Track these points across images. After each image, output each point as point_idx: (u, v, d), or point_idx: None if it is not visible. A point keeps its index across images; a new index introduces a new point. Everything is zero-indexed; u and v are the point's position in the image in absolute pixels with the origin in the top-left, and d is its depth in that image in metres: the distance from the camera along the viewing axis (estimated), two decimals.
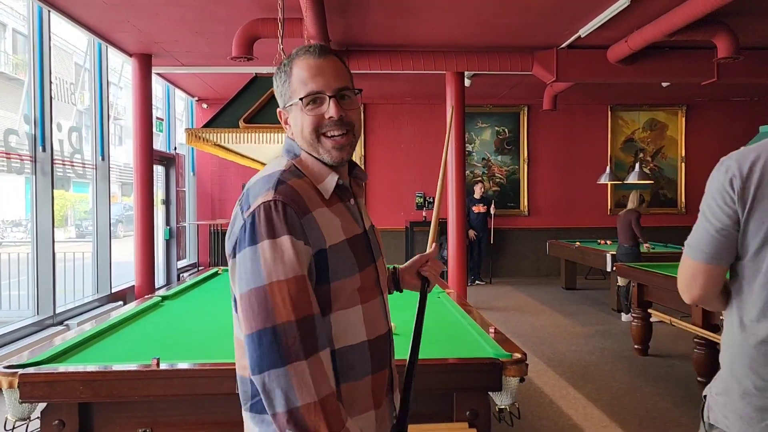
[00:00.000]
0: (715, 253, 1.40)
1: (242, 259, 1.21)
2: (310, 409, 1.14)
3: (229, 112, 2.91)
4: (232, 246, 1.25)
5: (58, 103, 7.16)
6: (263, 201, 1.22)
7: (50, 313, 5.73)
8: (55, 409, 2.20)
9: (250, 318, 1.18)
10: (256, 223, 1.20)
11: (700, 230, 1.43)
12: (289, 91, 1.33)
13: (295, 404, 1.14)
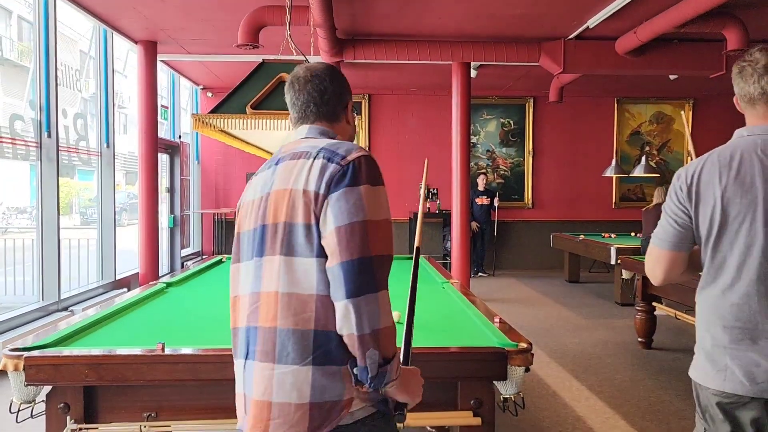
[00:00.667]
0: (677, 242, 1.77)
1: (343, 195, 1.38)
2: (388, 332, 1.38)
3: (237, 98, 2.90)
4: (325, 183, 1.40)
5: (63, 89, 7.16)
6: (362, 154, 1.44)
7: (55, 299, 5.76)
8: (60, 392, 2.21)
9: (351, 247, 1.35)
10: (358, 170, 1.41)
11: (665, 225, 1.80)
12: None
13: (378, 326, 1.35)
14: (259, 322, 1.43)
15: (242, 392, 1.48)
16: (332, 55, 6.85)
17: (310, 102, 1.60)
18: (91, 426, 2.23)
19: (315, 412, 1.38)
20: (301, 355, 1.38)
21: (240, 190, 9.63)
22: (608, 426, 3.72)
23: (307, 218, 1.40)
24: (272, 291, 1.42)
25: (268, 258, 1.45)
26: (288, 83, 1.66)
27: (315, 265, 1.39)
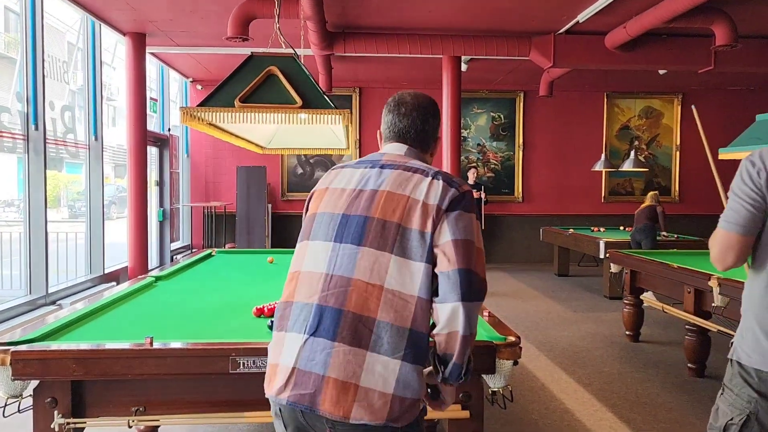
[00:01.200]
0: (751, 227, 1.79)
1: (460, 216, 1.55)
2: (475, 336, 1.55)
3: (225, 91, 2.88)
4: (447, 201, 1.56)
5: (51, 81, 7.09)
6: (470, 189, 1.64)
7: (43, 293, 5.72)
8: (48, 386, 2.19)
9: (466, 259, 1.51)
10: (470, 200, 1.60)
11: (740, 209, 1.80)
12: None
13: (475, 331, 1.54)
14: (346, 306, 1.49)
15: (292, 365, 1.50)
16: (322, 48, 6.83)
17: (411, 128, 1.74)
18: (79, 420, 2.22)
19: (395, 405, 1.46)
20: (395, 348, 1.47)
21: (230, 183, 9.60)
22: (596, 418, 3.76)
23: (424, 226, 1.53)
24: (375, 283, 1.49)
25: (370, 250, 1.52)
26: (393, 104, 1.78)
27: (423, 269, 1.51)
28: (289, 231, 10.51)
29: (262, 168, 9.68)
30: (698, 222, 10.41)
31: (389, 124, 1.76)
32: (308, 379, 1.48)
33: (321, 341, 1.48)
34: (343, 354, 1.46)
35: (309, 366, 1.48)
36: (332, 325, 1.48)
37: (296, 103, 2.87)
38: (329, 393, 1.45)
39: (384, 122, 1.79)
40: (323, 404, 1.45)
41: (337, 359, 1.46)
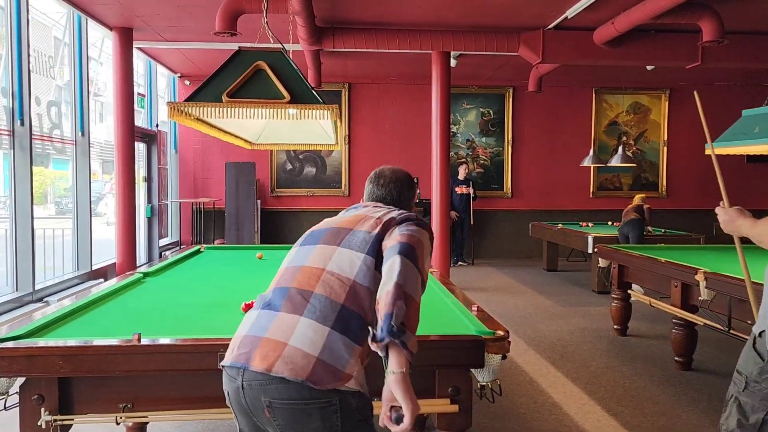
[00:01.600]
0: None
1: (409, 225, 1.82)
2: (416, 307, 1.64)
3: (213, 86, 2.86)
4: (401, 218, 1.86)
5: (37, 76, 7.01)
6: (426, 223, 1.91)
7: (30, 290, 5.68)
8: (35, 383, 2.18)
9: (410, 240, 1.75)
10: (423, 222, 1.88)
11: None
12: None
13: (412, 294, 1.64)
14: (293, 284, 1.74)
15: (243, 333, 1.72)
16: (311, 43, 6.80)
17: (388, 197, 2.03)
18: (67, 417, 2.21)
19: (318, 368, 1.59)
20: (326, 317, 1.65)
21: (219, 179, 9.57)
22: (584, 411, 3.78)
23: (372, 229, 1.79)
24: (318, 266, 1.75)
25: (321, 246, 1.81)
26: (374, 176, 2.07)
27: (362, 259, 1.73)
28: (278, 227, 10.48)
29: (251, 164, 9.65)
30: (685, 217, 10.49)
31: (369, 193, 2.05)
32: (248, 341, 1.68)
33: (268, 312, 1.72)
34: (281, 319, 1.67)
35: (253, 331, 1.70)
36: (278, 299, 1.73)
37: (284, 98, 2.86)
38: (261, 350, 1.63)
39: (365, 191, 2.08)
40: (254, 360, 1.62)
41: (275, 324, 1.67)
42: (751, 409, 1.86)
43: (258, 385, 1.61)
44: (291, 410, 1.60)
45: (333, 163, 10.60)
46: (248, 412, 1.68)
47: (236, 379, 1.65)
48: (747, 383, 1.86)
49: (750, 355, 1.88)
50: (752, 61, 7.33)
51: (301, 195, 10.57)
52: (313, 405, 1.59)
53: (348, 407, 1.62)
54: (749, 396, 1.86)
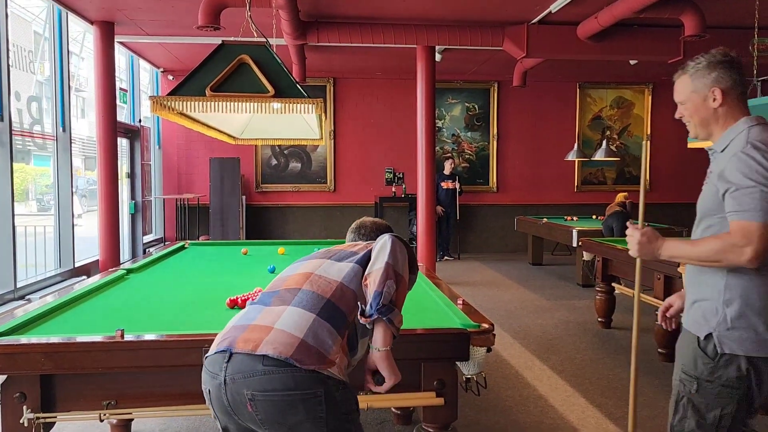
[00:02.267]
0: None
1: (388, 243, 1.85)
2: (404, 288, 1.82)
3: (196, 80, 2.83)
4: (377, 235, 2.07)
5: (16, 71, 6.91)
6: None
7: (11, 288, 5.61)
8: (16, 381, 2.15)
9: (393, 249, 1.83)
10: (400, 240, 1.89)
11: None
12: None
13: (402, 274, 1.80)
14: (282, 287, 1.83)
15: (231, 326, 1.77)
16: (295, 38, 6.77)
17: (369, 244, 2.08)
18: (49, 415, 2.18)
19: (302, 348, 1.62)
20: (312, 306, 1.72)
21: (203, 175, 9.48)
22: (569, 404, 3.81)
23: (361, 250, 1.92)
24: (307, 272, 1.84)
25: (313, 260, 1.92)
26: (355, 226, 2.21)
27: (350, 267, 1.84)
28: (263, 223, 10.44)
29: (235, 159, 9.59)
30: (668, 210, 10.59)
31: (349, 240, 2.18)
32: (234, 330, 1.73)
33: (256, 306, 1.80)
34: (269, 310, 1.74)
35: (241, 322, 1.75)
36: (268, 298, 1.81)
37: (269, 92, 2.83)
38: (246, 335, 1.68)
39: (347, 239, 2.21)
40: (238, 343, 1.66)
41: (263, 314, 1.74)
42: (706, 408, 1.90)
43: (241, 377, 1.60)
44: (274, 402, 1.58)
45: (318, 159, 10.56)
46: (229, 410, 1.66)
47: (218, 376, 1.64)
48: (699, 384, 1.90)
49: (696, 355, 1.92)
50: None
51: (287, 191, 10.53)
52: (296, 396, 1.58)
53: (332, 400, 1.62)
54: (703, 396, 1.90)
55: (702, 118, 2.02)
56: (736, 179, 1.81)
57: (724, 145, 1.96)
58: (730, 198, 1.82)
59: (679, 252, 1.97)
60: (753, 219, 1.76)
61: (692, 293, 2.01)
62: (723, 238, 1.82)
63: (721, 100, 1.96)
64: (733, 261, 1.80)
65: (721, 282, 1.88)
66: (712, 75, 1.98)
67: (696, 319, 1.95)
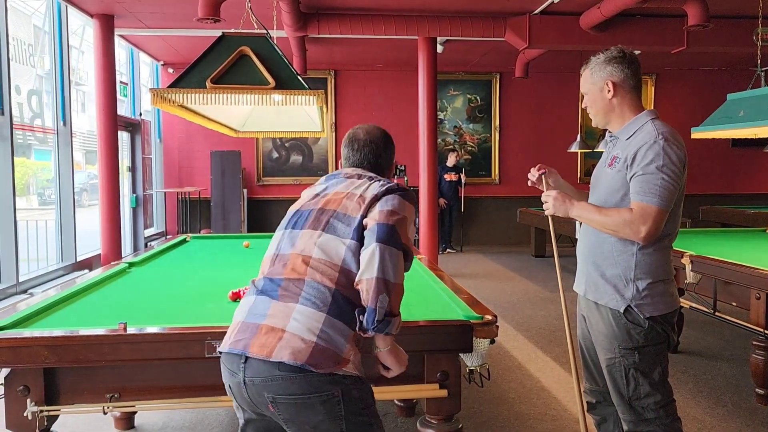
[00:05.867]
0: (673, 203, 2.10)
1: (390, 198, 1.81)
2: (399, 289, 1.73)
3: (196, 72, 2.82)
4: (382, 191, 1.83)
5: (16, 65, 6.90)
6: (405, 187, 1.90)
7: (13, 282, 5.61)
8: (20, 374, 2.15)
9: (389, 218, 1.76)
10: (404, 191, 1.86)
11: (670, 188, 2.06)
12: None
13: (394, 279, 1.70)
14: (285, 273, 1.75)
15: (241, 319, 1.75)
16: (295, 29, 6.74)
17: (364, 161, 2.00)
18: (53, 408, 2.18)
19: (316, 352, 1.62)
20: (322, 304, 1.67)
21: (204, 168, 9.45)
22: (572, 395, 3.81)
23: (355, 212, 1.78)
24: (306, 254, 1.75)
25: (307, 231, 1.80)
26: (347, 141, 2.03)
27: (347, 244, 1.74)
28: (265, 216, 10.43)
29: (236, 152, 9.58)
30: None
31: (345, 157, 2.04)
32: (246, 327, 1.70)
33: (264, 298, 1.74)
34: (278, 307, 1.70)
35: (251, 318, 1.72)
36: (273, 288, 1.74)
37: (269, 83, 2.82)
38: (259, 338, 1.65)
39: (342, 154, 2.06)
40: (252, 347, 1.64)
41: (272, 311, 1.69)
42: (651, 368, 2.17)
43: (261, 381, 1.62)
44: (295, 405, 1.62)
45: (320, 151, 10.54)
46: (251, 404, 1.71)
47: (237, 374, 1.66)
48: (639, 351, 2.16)
49: (627, 328, 2.16)
50: (737, 45, 7.36)
51: (288, 183, 10.51)
52: (315, 398, 1.61)
53: (350, 397, 1.65)
54: (645, 360, 2.16)
55: (599, 108, 2.28)
56: (645, 166, 2.06)
57: (629, 134, 2.20)
58: (636, 181, 2.08)
59: (587, 214, 2.23)
60: (652, 203, 2.04)
61: (598, 266, 2.26)
62: (624, 215, 2.09)
63: (613, 92, 2.21)
64: (628, 235, 2.10)
65: (631, 260, 2.15)
66: (606, 69, 2.23)
67: (608, 292, 2.21)
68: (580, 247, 2.42)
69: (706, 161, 10.67)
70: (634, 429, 2.21)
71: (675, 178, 2.06)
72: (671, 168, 2.05)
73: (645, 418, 2.18)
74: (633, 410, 2.19)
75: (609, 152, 2.31)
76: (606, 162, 2.29)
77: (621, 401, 2.22)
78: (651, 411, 2.18)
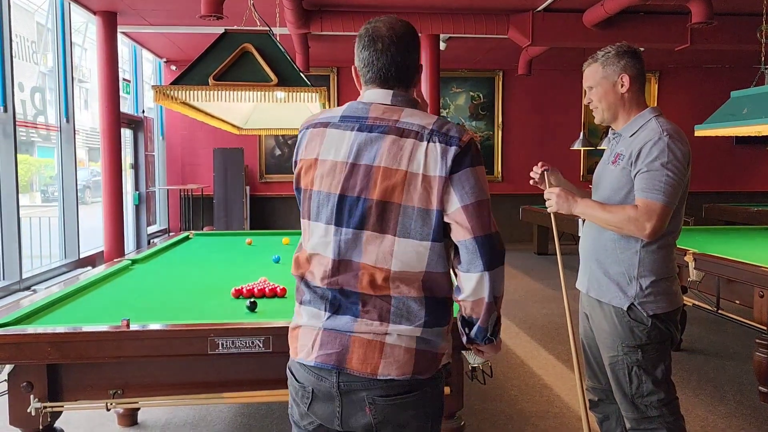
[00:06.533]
0: (677, 199, 2.10)
1: (466, 175, 1.47)
2: (503, 298, 1.56)
3: (199, 69, 2.82)
4: (449, 166, 1.45)
5: (19, 62, 6.91)
6: (472, 137, 1.52)
7: (17, 279, 5.62)
8: (23, 371, 2.16)
9: (482, 223, 1.48)
10: (475, 152, 1.49)
11: (675, 185, 2.06)
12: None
13: (502, 292, 1.54)
14: (361, 288, 1.47)
15: (320, 327, 1.51)
16: (298, 26, 6.73)
17: (392, 66, 1.54)
18: (56, 404, 2.19)
19: (419, 358, 1.48)
20: (415, 317, 1.48)
21: (207, 166, 9.39)
22: (574, 393, 3.80)
23: (427, 203, 1.45)
24: (382, 267, 1.46)
25: (372, 234, 1.47)
26: (368, 40, 1.56)
27: (430, 248, 1.47)
28: (267, 213, 10.44)
29: (239, 150, 9.58)
30: None
31: (366, 63, 1.57)
32: (334, 339, 1.49)
33: (346, 318, 1.49)
34: (365, 324, 1.48)
35: (336, 327, 1.50)
36: (353, 305, 1.49)
37: (272, 80, 2.82)
38: (358, 353, 1.47)
39: (359, 59, 1.59)
40: (350, 362, 1.47)
41: (359, 325, 1.48)
42: (654, 366, 2.17)
43: (360, 386, 1.48)
44: (394, 404, 1.48)
45: None
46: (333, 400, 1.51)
47: (329, 379, 1.49)
48: (642, 349, 2.16)
49: (630, 326, 2.16)
50: (741, 42, 7.34)
51: (291, 181, 10.38)
52: (416, 395, 1.50)
53: (437, 392, 1.56)
54: (648, 358, 2.16)
55: (610, 102, 2.23)
56: (650, 162, 2.06)
57: (632, 131, 2.19)
58: (641, 178, 2.07)
59: (591, 211, 2.21)
60: (657, 200, 2.03)
61: (601, 264, 2.25)
62: (628, 212, 2.08)
63: (628, 86, 2.19)
64: (632, 232, 2.09)
65: (635, 257, 2.15)
66: (621, 63, 2.20)
67: (611, 290, 2.21)
68: (583, 244, 2.41)
69: (709, 159, 10.64)
70: (637, 427, 2.21)
71: (680, 175, 2.06)
72: (676, 165, 2.05)
73: (648, 416, 2.18)
74: (636, 408, 2.19)
75: (612, 150, 2.30)
76: (609, 160, 2.28)
77: (624, 399, 2.22)
78: (654, 409, 2.17)
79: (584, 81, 2.32)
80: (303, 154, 1.59)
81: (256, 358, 2.17)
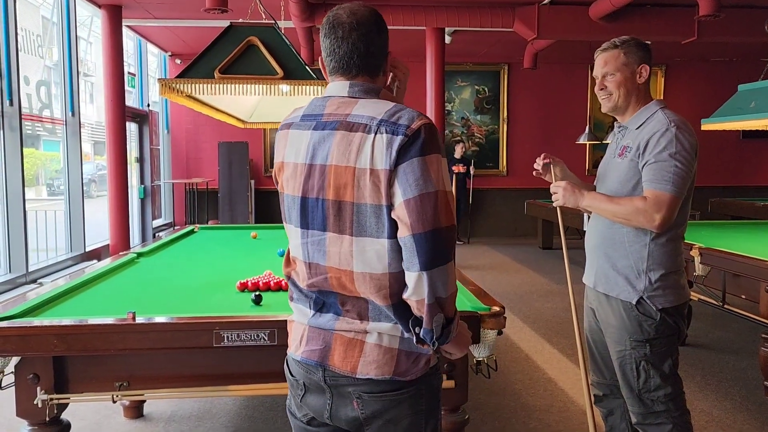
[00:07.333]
0: (686, 190, 2.09)
1: (411, 167, 1.37)
2: (452, 297, 1.43)
3: (204, 62, 2.82)
4: (394, 157, 1.37)
5: (25, 56, 6.92)
6: (425, 122, 1.40)
7: (23, 272, 5.65)
8: (30, 363, 2.17)
9: (422, 219, 1.36)
10: (424, 139, 1.38)
11: (684, 176, 2.05)
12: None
13: (446, 294, 1.40)
14: (337, 289, 1.47)
15: (305, 323, 1.53)
16: (303, 19, 6.72)
17: (354, 54, 1.48)
18: (62, 396, 2.20)
19: (402, 358, 1.46)
20: (390, 317, 1.45)
21: (212, 159, 9.41)
22: (578, 387, 3.81)
23: (377, 199, 1.39)
24: (346, 269, 1.44)
25: (333, 235, 1.45)
26: (328, 27, 1.49)
27: (387, 245, 1.41)
28: (272, 207, 10.45)
29: (244, 143, 9.58)
30: None
31: (329, 52, 1.51)
32: (318, 336, 1.50)
33: (331, 315, 1.50)
34: (348, 322, 1.48)
35: (319, 324, 1.51)
36: (333, 304, 1.50)
37: (277, 73, 2.82)
38: (339, 351, 1.47)
39: (323, 49, 1.53)
40: (332, 359, 1.47)
41: (341, 324, 1.48)
42: (661, 361, 2.16)
43: (345, 381, 1.48)
44: (381, 401, 1.47)
45: None
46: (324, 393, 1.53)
47: (316, 373, 1.51)
48: (650, 344, 2.15)
49: (639, 321, 2.15)
50: (749, 35, 7.28)
51: None
52: (404, 395, 1.48)
53: (431, 389, 1.54)
54: (656, 353, 2.16)
55: (628, 89, 2.21)
56: (658, 153, 2.05)
57: (638, 123, 2.19)
58: (649, 169, 2.07)
59: (598, 204, 2.20)
60: (666, 190, 2.02)
61: (609, 257, 2.23)
62: (637, 203, 2.07)
63: (646, 77, 2.20)
64: (641, 224, 2.08)
65: (644, 251, 2.14)
66: (640, 53, 2.20)
67: (619, 284, 2.19)
68: (590, 238, 2.40)
69: (716, 153, 10.60)
70: (643, 422, 2.20)
71: (688, 165, 2.05)
72: (684, 155, 2.04)
73: (654, 411, 2.18)
74: (642, 403, 2.19)
75: (618, 143, 2.28)
76: (615, 153, 2.26)
77: (630, 393, 2.21)
78: (660, 403, 2.17)
79: (602, 65, 2.24)
80: (276, 157, 1.61)
81: (261, 351, 2.18)
